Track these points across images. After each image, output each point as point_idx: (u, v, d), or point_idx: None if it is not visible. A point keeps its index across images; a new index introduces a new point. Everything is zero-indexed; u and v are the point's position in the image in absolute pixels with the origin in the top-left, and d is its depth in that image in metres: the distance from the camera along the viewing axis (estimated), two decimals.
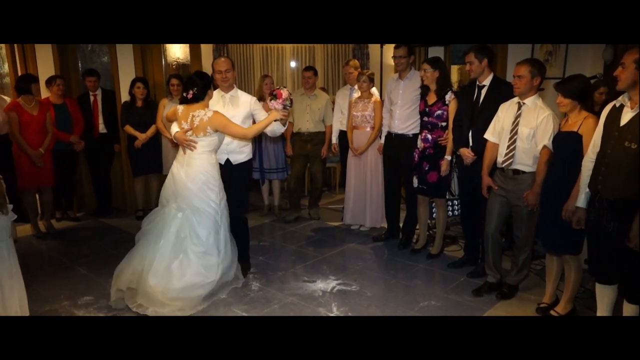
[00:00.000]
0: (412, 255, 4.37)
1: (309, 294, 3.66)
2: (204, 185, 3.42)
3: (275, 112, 3.37)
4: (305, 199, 5.72)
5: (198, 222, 3.39)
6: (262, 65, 8.38)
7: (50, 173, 4.91)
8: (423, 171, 4.10)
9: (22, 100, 4.70)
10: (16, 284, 2.95)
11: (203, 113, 3.36)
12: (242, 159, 3.79)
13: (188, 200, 3.40)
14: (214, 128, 3.37)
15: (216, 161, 3.52)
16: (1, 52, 5.71)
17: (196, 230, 3.38)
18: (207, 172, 3.43)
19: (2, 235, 2.88)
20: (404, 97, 4.32)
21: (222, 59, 3.72)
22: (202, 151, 3.42)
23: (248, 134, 3.48)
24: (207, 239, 3.41)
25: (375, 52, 7.51)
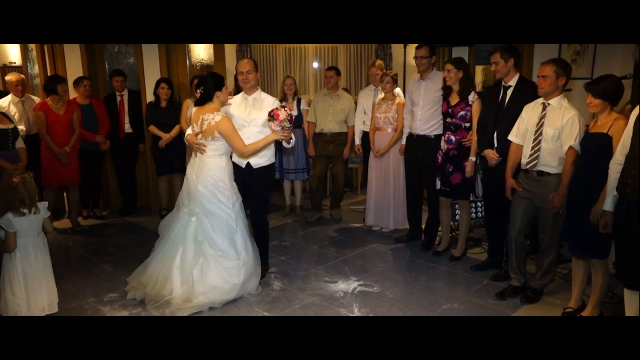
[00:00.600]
0: (434, 257, 4.33)
1: (330, 294, 3.66)
2: (214, 188, 3.40)
3: (274, 133, 3.32)
4: (326, 200, 5.72)
5: (212, 225, 3.40)
6: (285, 65, 8.42)
7: (75, 172, 5.02)
8: (446, 173, 4.06)
9: (49, 101, 4.83)
10: (45, 280, 3.02)
11: (212, 117, 3.32)
12: (262, 162, 3.72)
13: (200, 204, 3.41)
14: (220, 133, 3.33)
15: (227, 165, 3.49)
16: (32, 54, 5.87)
17: (210, 234, 3.39)
18: (216, 175, 3.40)
19: (30, 232, 2.95)
20: (426, 98, 4.29)
21: (245, 60, 3.70)
22: (212, 155, 3.40)
23: (245, 151, 3.38)
24: (222, 243, 3.42)
25: (399, 53, 7.48)
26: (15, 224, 2.90)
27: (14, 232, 2.92)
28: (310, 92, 8.37)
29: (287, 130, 3.29)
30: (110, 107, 5.45)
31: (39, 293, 3.06)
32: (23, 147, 4.12)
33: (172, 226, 3.47)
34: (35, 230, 3.01)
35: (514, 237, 3.47)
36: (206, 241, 3.39)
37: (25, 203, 2.93)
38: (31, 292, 3.01)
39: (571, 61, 4.82)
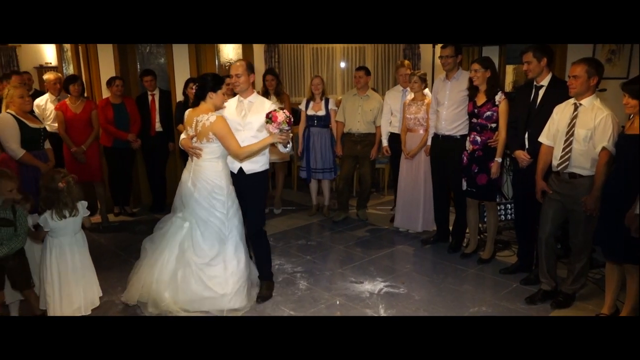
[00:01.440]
0: (462, 259, 4.28)
1: (356, 295, 3.65)
2: (209, 194, 3.24)
3: (271, 136, 3.14)
4: (353, 200, 5.71)
5: (202, 233, 3.26)
6: (312, 65, 8.44)
7: (97, 169, 5.13)
8: (472, 174, 4.01)
9: (68, 100, 4.97)
10: (82, 280, 3.07)
11: (206, 118, 3.15)
12: (256, 168, 3.47)
13: (193, 210, 3.27)
14: (214, 134, 3.15)
15: (224, 168, 3.31)
16: (67, 55, 6.03)
17: (199, 242, 3.26)
18: (212, 180, 3.24)
19: (66, 231, 3.02)
20: (451, 98, 4.24)
21: (237, 63, 3.48)
22: (208, 158, 3.23)
23: (240, 153, 3.20)
24: (210, 250, 3.26)
25: (427, 52, 7.41)
26: (50, 224, 2.97)
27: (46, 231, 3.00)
28: (338, 92, 8.36)
29: (285, 133, 3.09)
30: (142, 106, 5.56)
31: (75, 292, 3.06)
32: (50, 148, 4.23)
33: (165, 230, 3.36)
34: (71, 230, 3.07)
35: (544, 240, 3.40)
36: (191, 248, 3.26)
37: (68, 206, 3.01)
38: (65, 291, 3.02)
39: (606, 60, 4.70)
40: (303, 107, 5.33)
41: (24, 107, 3.89)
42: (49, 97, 5.19)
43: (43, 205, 3.00)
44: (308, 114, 5.28)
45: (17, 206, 2.93)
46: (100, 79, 5.63)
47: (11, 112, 3.88)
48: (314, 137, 5.28)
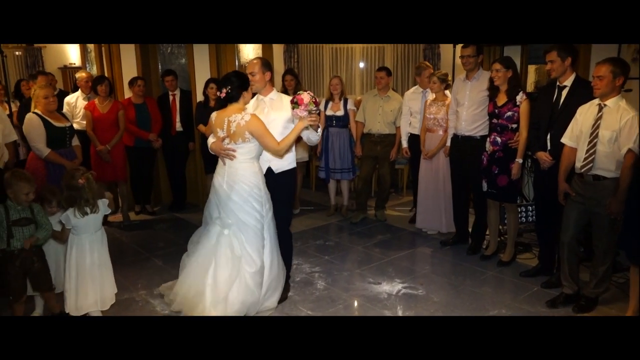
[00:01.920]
0: (481, 261, 4.23)
1: (374, 295, 3.64)
2: (250, 196, 3.11)
3: (301, 121, 3.03)
4: (372, 201, 5.69)
5: (246, 239, 3.12)
6: (332, 65, 8.44)
7: (122, 168, 5.22)
8: (492, 175, 3.97)
9: (97, 100, 5.06)
10: (99, 277, 3.11)
11: (240, 117, 3.04)
12: (285, 166, 3.40)
13: (233, 215, 3.12)
14: (251, 133, 3.05)
15: (260, 169, 3.22)
16: (91, 55, 6.14)
17: (247, 250, 3.12)
18: (251, 182, 3.12)
19: (87, 229, 3.07)
20: (471, 98, 4.20)
21: (253, 61, 3.38)
22: (243, 159, 3.12)
23: (280, 149, 3.08)
24: (257, 258, 3.15)
25: (447, 52, 7.34)
26: (72, 221, 3.02)
27: (69, 228, 3.05)
28: (357, 92, 8.35)
29: (314, 114, 3.00)
30: (163, 106, 5.63)
31: (91, 288, 3.07)
32: (78, 145, 4.31)
33: (202, 242, 3.21)
34: (92, 227, 3.10)
35: (566, 244, 3.34)
36: (244, 257, 3.12)
37: (89, 203, 3.04)
38: (81, 287, 3.04)
39: (632, 60, 4.59)
40: (322, 108, 5.33)
41: (49, 107, 3.98)
42: (80, 94, 5.31)
43: (65, 204, 3.05)
44: (327, 114, 5.28)
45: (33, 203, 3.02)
46: (122, 79, 5.72)
47: (37, 112, 3.96)
48: (332, 137, 5.28)
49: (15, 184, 2.89)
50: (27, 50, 8.87)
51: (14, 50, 8.80)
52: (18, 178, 2.92)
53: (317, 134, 3.25)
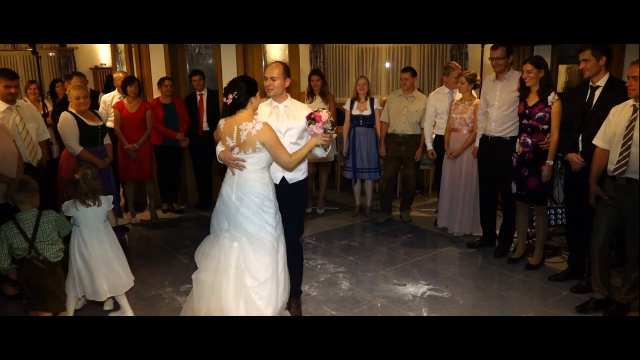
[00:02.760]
0: (508, 264, 4.16)
1: (398, 297, 3.62)
2: (259, 209, 2.94)
3: (315, 138, 2.91)
4: (396, 201, 5.66)
5: (254, 250, 2.94)
6: (357, 66, 8.43)
7: (148, 167, 5.30)
8: (522, 176, 3.89)
9: (126, 100, 5.16)
10: (104, 270, 3.17)
11: (251, 126, 2.84)
12: (299, 176, 3.25)
13: (242, 227, 2.95)
14: (262, 143, 2.86)
15: (270, 179, 3.03)
16: (121, 56, 6.27)
17: (254, 264, 2.93)
18: (261, 194, 2.94)
19: (86, 221, 3.15)
20: (501, 99, 4.13)
21: (273, 64, 3.22)
22: (253, 170, 2.93)
23: (291, 162, 2.94)
24: (265, 271, 2.94)
25: (475, 52, 7.24)
26: (72, 211, 3.12)
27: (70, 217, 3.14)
28: (383, 91, 8.32)
29: (328, 134, 2.89)
30: (191, 106, 5.71)
31: (98, 277, 3.14)
32: (110, 143, 4.41)
33: (212, 255, 3.01)
34: (92, 219, 3.15)
35: (597, 248, 3.26)
36: (247, 270, 2.93)
37: (88, 196, 3.13)
38: (85, 277, 3.14)
39: None
40: (347, 107, 5.33)
41: (80, 107, 4.08)
42: (116, 94, 5.44)
43: (67, 196, 3.19)
44: (353, 113, 5.27)
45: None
46: (151, 80, 5.82)
47: (71, 111, 4.07)
48: (359, 136, 5.27)
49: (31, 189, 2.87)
50: (60, 51, 9.12)
51: (47, 51, 9.06)
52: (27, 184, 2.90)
53: (325, 152, 3.08)
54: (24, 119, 3.88)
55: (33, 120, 3.99)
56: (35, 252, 2.80)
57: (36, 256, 2.81)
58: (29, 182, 2.88)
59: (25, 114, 3.91)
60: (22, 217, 2.81)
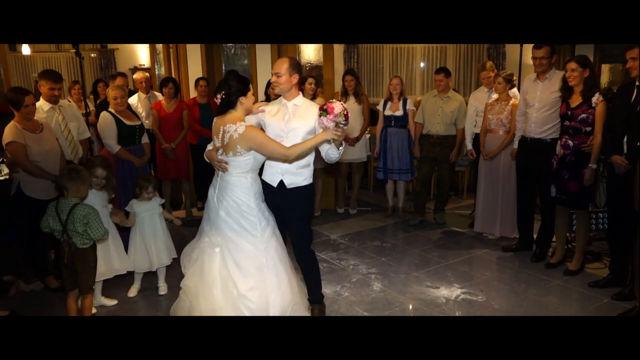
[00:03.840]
0: (546, 269, 4.05)
1: (431, 300, 3.57)
2: (238, 214, 2.85)
3: (325, 132, 2.69)
4: (430, 203, 5.59)
5: (236, 261, 2.83)
6: (392, 66, 8.37)
7: (185, 166, 5.40)
8: (562, 180, 3.78)
9: (163, 100, 5.26)
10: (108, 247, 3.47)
11: (233, 128, 2.74)
12: (299, 181, 3.02)
13: (222, 231, 2.87)
14: (247, 147, 2.76)
15: (253, 184, 2.90)
16: (159, 57, 6.41)
17: (235, 272, 2.83)
18: (239, 198, 2.84)
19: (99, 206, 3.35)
20: (542, 99, 4.01)
21: (279, 60, 3.04)
22: (236, 173, 2.85)
23: (290, 154, 2.75)
24: (246, 283, 2.81)
25: (513, 51, 7.09)
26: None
27: None
28: (417, 92, 8.23)
29: (340, 129, 2.64)
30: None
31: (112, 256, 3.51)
32: (147, 142, 4.51)
33: (194, 260, 2.95)
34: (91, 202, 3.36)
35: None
36: (230, 279, 2.83)
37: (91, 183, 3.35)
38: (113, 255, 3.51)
39: None
40: (380, 108, 5.30)
41: (117, 107, 4.19)
42: (139, 95, 5.55)
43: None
44: (385, 114, 5.24)
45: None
46: (188, 80, 5.93)
47: (110, 111, 4.18)
48: (391, 137, 5.23)
49: (84, 177, 3.05)
50: (101, 52, 9.40)
51: (89, 52, 9.36)
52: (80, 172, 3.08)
53: (337, 152, 2.85)
54: (66, 118, 4.01)
55: (74, 120, 4.13)
56: (67, 236, 2.96)
57: (67, 240, 2.96)
58: (79, 172, 3.02)
59: (67, 114, 4.05)
60: (62, 202, 2.97)
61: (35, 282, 3.86)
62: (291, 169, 2.98)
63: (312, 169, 3.08)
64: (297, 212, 3.06)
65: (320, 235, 4.98)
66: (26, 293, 3.78)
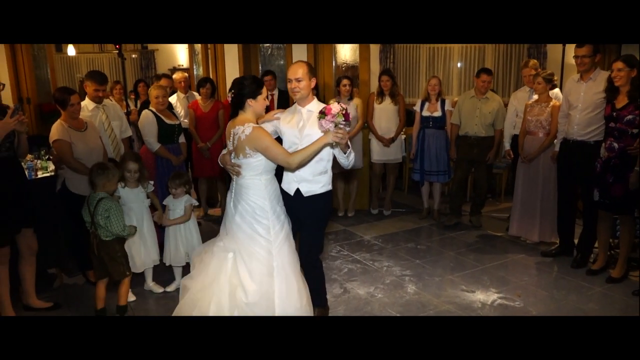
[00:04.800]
0: (587, 276, 3.92)
1: (467, 304, 3.51)
2: (252, 218, 2.78)
3: (326, 135, 2.57)
4: (466, 205, 5.50)
5: (247, 266, 2.75)
6: (428, 66, 8.28)
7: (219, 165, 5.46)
8: (606, 183, 3.65)
9: (200, 100, 5.35)
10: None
11: (241, 130, 2.69)
12: (316, 189, 2.93)
13: (235, 235, 2.81)
14: (254, 148, 2.69)
15: (268, 185, 2.82)
16: (198, 58, 6.54)
17: (247, 280, 2.74)
18: (253, 201, 2.77)
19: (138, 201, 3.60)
20: (586, 100, 3.89)
21: (296, 63, 2.95)
22: (249, 176, 2.78)
23: (291, 160, 2.64)
24: (259, 288, 2.73)
25: (555, 51, 6.90)
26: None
27: None
28: (454, 92, 8.12)
29: (341, 129, 2.53)
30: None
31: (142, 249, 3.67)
32: (184, 142, 4.60)
33: (204, 261, 2.89)
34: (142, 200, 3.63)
35: None
36: (240, 287, 2.74)
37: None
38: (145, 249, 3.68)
39: None
40: (417, 108, 5.24)
41: (158, 106, 4.29)
42: (177, 95, 5.67)
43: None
44: (423, 115, 5.18)
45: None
46: (225, 80, 6.02)
47: (152, 109, 4.29)
48: (428, 138, 5.17)
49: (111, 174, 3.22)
50: (141, 53, 9.65)
51: (130, 53, 9.62)
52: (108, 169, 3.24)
53: (346, 157, 2.76)
54: (109, 117, 4.14)
55: (117, 119, 4.25)
56: (94, 228, 3.15)
57: (94, 231, 3.16)
58: (104, 169, 3.20)
59: (110, 113, 4.17)
60: (92, 196, 3.19)
61: (78, 275, 4.01)
62: (307, 176, 2.90)
63: (330, 175, 2.99)
64: (312, 221, 2.98)
65: (354, 236, 4.97)
66: (69, 285, 3.92)
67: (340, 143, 2.59)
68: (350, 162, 2.81)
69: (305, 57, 5.76)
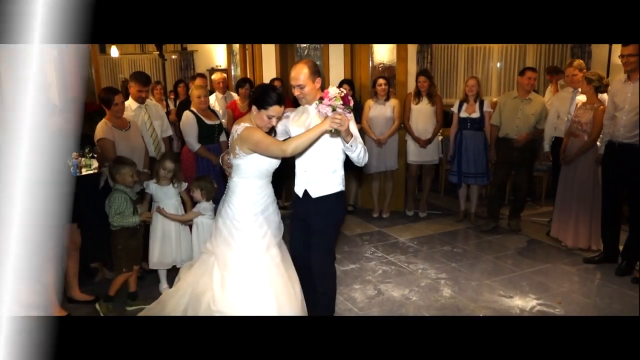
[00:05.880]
0: (632, 284, 3.77)
1: (504, 309, 3.44)
2: (231, 221, 2.67)
3: (324, 121, 2.43)
4: (505, 209, 5.38)
5: (222, 278, 2.63)
6: (467, 66, 8.14)
7: None
8: None
9: (238, 100, 5.42)
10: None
11: (235, 129, 2.64)
12: (325, 190, 2.77)
13: (215, 241, 2.72)
14: (246, 147, 2.59)
15: (254, 194, 2.70)
16: (236, 58, 6.63)
17: (216, 287, 2.63)
18: (235, 206, 2.66)
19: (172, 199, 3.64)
20: (633, 102, 3.76)
21: (296, 66, 2.74)
22: (237, 178, 2.69)
23: (286, 148, 2.49)
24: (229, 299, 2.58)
25: (600, 51, 6.68)
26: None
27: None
28: (493, 93, 7.96)
29: (339, 114, 2.37)
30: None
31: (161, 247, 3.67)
32: (225, 141, 4.67)
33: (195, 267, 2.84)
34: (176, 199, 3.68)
35: None
36: (210, 293, 2.65)
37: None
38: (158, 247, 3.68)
39: None
40: (455, 109, 5.16)
41: (199, 106, 4.37)
42: (216, 94, 5.77)
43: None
44: (461, 116, 5.10)
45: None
46: (263, 80, 6.09)
47: (193, 110, 4.38)
48: (466, 140, 5.08)
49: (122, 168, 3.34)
50: (181, 54, 9.86)
51: (170, 54, 9.84)
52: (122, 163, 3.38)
53: (351, 147, 2.55)
54: (151, 117, 4.25)
55: (158, 118, 4.36)
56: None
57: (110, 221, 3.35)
58: (118, 164, 3.36)
59: (152, 112, 4.28)
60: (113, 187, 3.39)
61: None
62: (313, 177, 2.77)
63: (342, 174, 2.81)
64: (323, 224, 2.81)
65: (388, 238, 4.94)
66: (109, 280, 4.03)
67: (339, 130, 2.41)
68: (359, 156, 2.62)
69: (342, 57, 5.76)
